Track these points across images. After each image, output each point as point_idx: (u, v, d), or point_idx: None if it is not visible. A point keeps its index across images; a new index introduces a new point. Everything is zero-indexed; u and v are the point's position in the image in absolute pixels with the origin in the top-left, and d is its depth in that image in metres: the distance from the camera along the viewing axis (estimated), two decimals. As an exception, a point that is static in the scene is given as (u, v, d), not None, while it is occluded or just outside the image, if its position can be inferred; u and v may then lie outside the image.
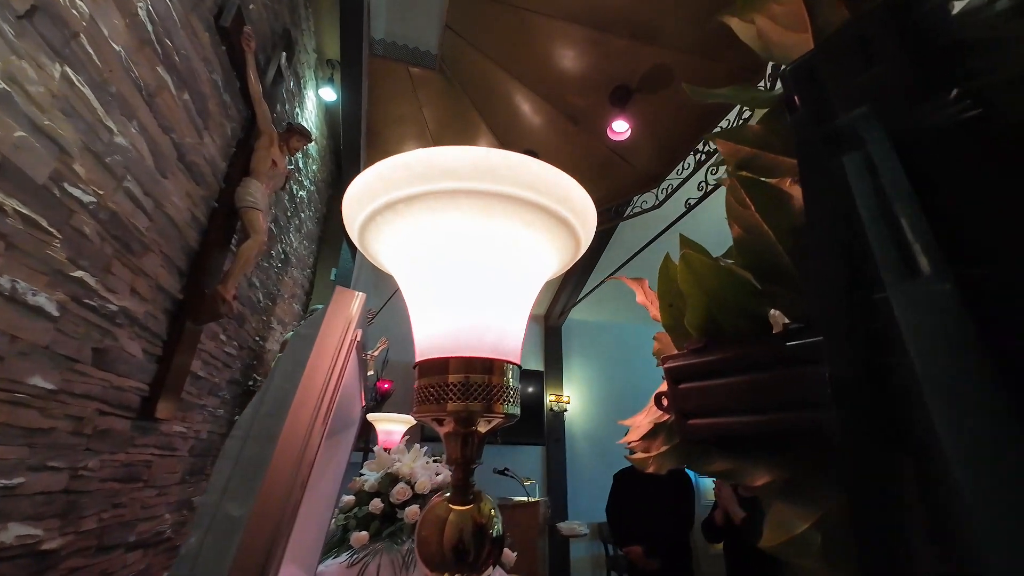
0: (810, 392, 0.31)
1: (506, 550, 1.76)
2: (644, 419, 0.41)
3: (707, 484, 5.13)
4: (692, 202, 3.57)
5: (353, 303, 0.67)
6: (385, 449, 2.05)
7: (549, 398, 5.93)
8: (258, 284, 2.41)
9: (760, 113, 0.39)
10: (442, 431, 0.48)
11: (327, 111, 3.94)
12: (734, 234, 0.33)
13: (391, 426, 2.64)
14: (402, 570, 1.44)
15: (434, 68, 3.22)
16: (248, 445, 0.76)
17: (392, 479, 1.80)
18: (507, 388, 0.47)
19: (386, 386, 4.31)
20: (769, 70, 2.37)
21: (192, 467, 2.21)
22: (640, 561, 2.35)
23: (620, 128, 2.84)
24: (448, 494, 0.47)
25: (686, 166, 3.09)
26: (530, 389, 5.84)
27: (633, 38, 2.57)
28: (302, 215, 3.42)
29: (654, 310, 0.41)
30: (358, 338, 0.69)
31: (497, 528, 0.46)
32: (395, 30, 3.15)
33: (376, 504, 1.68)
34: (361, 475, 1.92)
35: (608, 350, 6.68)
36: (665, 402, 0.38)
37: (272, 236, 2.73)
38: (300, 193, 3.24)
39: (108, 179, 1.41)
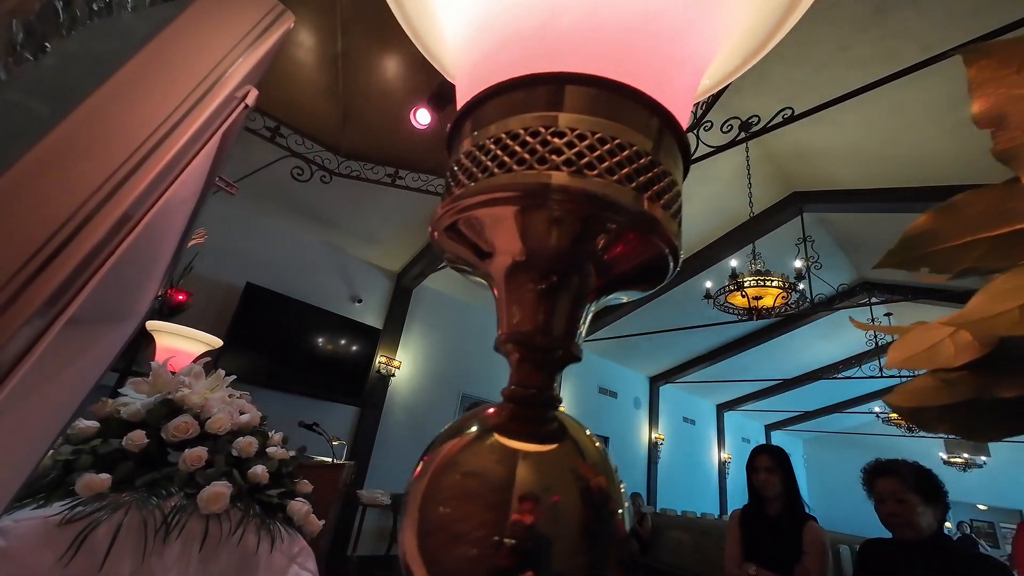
0: None
1: (311, 517, 1.42)
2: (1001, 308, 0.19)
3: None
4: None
5: (257, 15, 0.31)
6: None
7: (379, 359, 5.50)
8: None
9: None
10: (496, 262, 0.19)
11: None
12: None
13: (182, 343, 1.99)
14: (159, 538, 0.99)
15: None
16: None
17: (170, 409, 1.29)
18: (677, 188, 0.21)
19: (181, 297, 3.37)
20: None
21: None
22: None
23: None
24: (490, 418, 0.19)
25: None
26: (360, 347, 5.33)
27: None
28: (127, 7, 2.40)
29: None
30: (249, 103, 0.32)
31: (625, 504, 0.20)
32: None
33: (136, 438, 1.16)
34: (119, 395, 1.34)
35: (454, 328, 6.56)
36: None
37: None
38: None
39: None
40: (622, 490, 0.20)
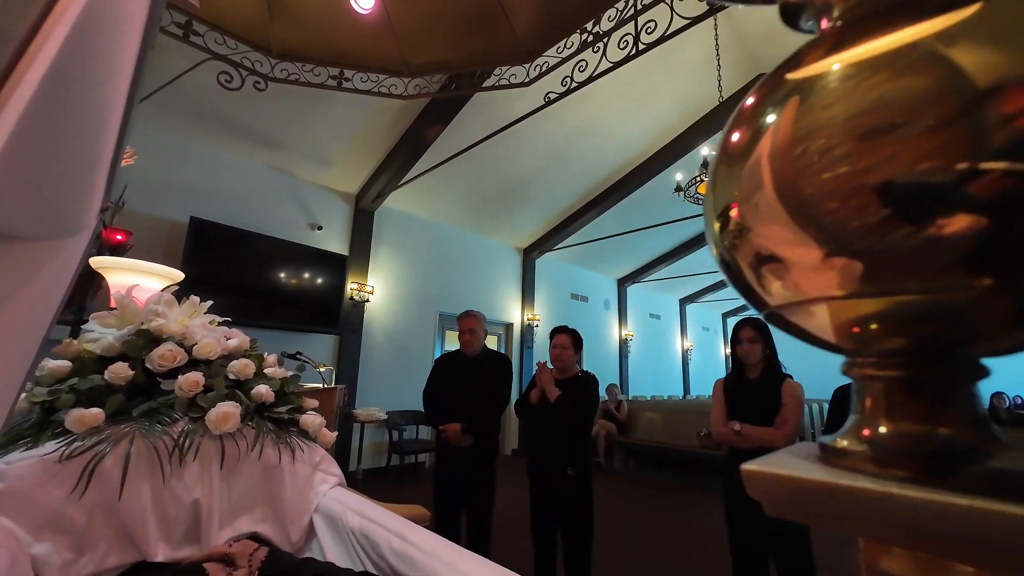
0: None
1: (324, 429, 1.41)
2: None
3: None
4: (552, 96, 3.41)
5: None
6: (133, 301, 1.33)
7: (351, 286, 5.36)
8: None
9: None
10: None
11: None
12: None
13: (138, 280, 1.81)
14: (175, 462, 0.94)
15: None
16: None
17: (149, 339, 1.18)
18: None
19: (120, 237, 3.04)
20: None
21: None
22: (455, 438, 2.32)
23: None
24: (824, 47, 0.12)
25: (568, 45, 2.84)
26: (328, 275, 5.14)
27: None
28: None
29: None
30: None
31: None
32: None
33: (120, 371, 1.07)
34: (84, 332, 1.21)
35: (423, 248, 6.39)
36: None
37: None
38: None
39: None
40: None
